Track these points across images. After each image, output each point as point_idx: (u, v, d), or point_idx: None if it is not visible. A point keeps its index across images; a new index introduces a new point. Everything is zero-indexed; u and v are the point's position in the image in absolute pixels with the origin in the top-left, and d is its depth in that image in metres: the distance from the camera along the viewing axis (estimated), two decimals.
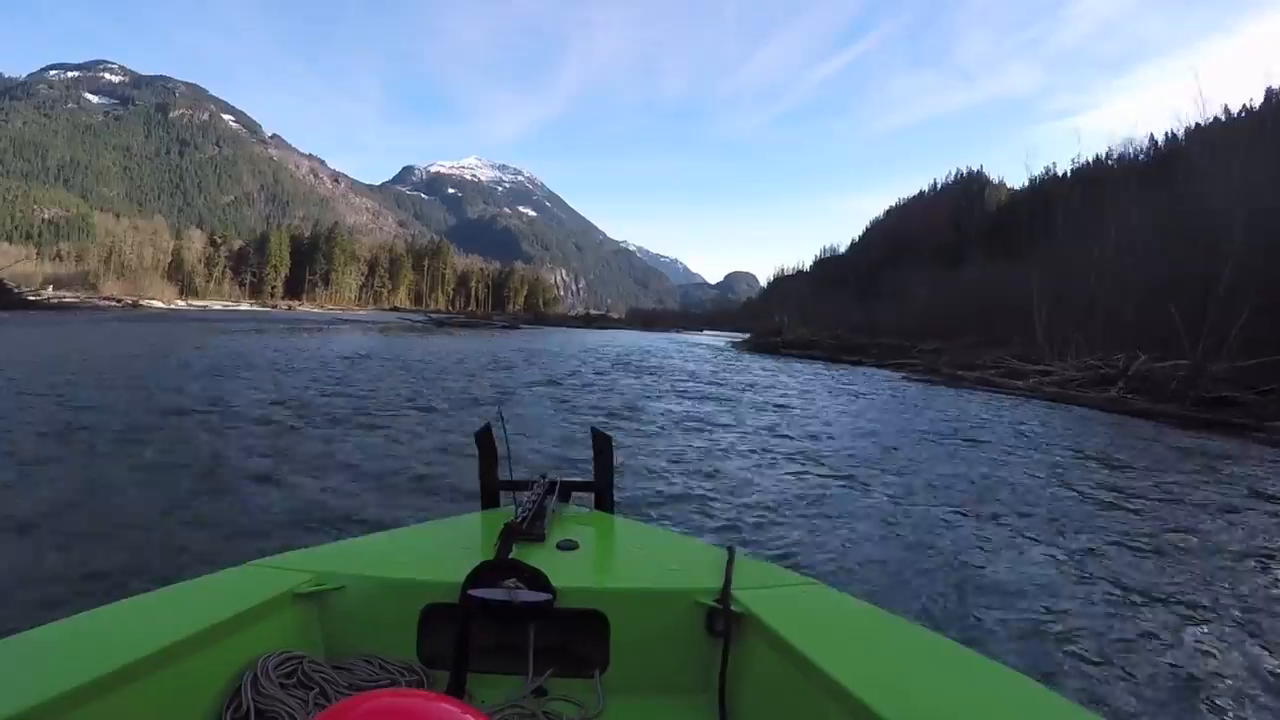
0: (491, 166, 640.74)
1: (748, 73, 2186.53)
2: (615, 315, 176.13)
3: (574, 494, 2.69)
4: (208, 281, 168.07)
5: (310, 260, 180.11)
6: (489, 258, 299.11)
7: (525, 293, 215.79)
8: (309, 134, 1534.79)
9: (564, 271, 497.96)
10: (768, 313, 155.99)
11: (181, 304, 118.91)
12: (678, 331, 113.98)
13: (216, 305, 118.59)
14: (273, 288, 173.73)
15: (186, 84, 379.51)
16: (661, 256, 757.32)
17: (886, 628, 1.59)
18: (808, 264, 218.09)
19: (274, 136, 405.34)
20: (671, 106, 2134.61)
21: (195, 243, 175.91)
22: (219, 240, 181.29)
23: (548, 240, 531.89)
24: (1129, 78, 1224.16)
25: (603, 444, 2.74)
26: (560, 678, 1.63)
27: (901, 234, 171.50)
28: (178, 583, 1.69)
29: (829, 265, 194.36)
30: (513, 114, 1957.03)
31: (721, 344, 62.99)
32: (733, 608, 1.60)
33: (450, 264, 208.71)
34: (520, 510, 2.17)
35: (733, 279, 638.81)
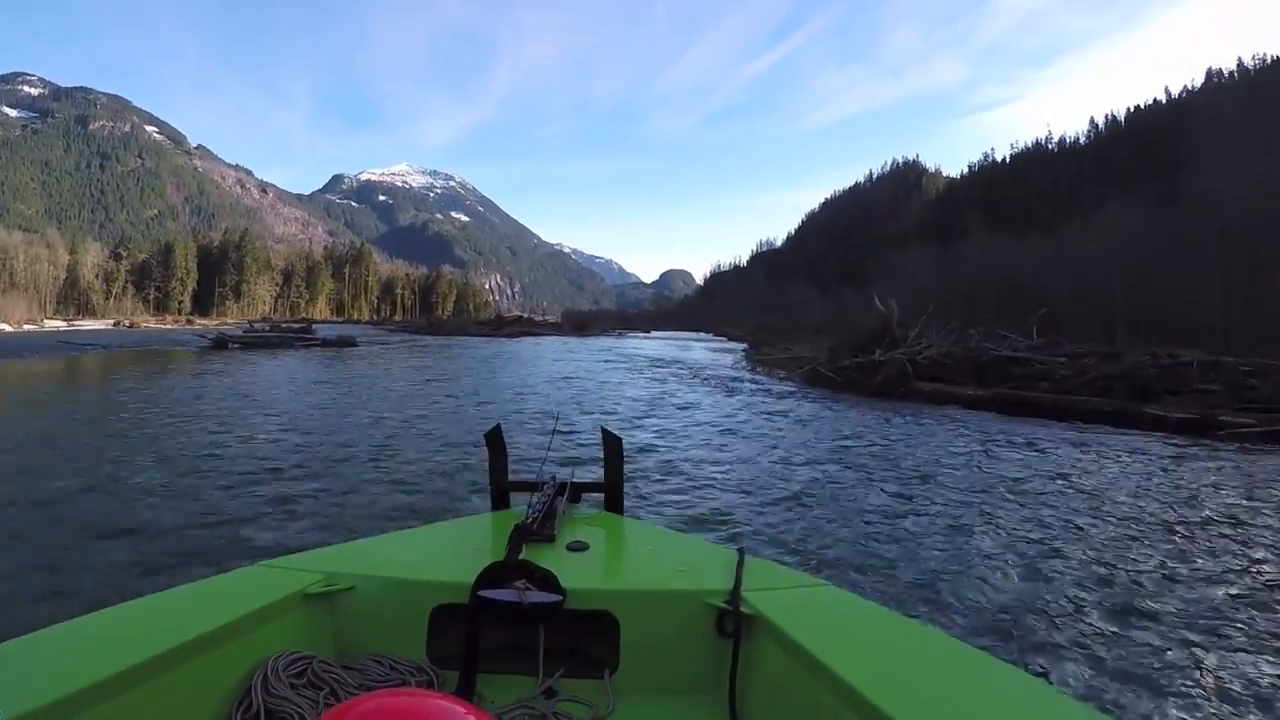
0: (423, 173, 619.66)
1: (679, 72, 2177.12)
2: (551, 319, 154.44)
3: (584, 495, 2.62)
4: (107, 298, 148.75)
5: (220, 271, 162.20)
6: (421, 264, 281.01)
7: (454, 297, 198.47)
8: (237, 145, 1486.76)
9: (498, 276, 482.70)
10: (711, 309, 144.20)
11: (59, 324, 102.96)
12: (619, 334, 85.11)
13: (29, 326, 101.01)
14: (179, 302, 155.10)
15: (108, 95, 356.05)
16: (596, 258, 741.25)
17: (897, 629, 1.57)
18: (745, 259, 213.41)
19: (199, 147, 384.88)
20: (604, 108, 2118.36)
21: (92, 256, 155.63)
22: (122, 253, 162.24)
23: (481, 245, 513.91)
24: (1052, 69, 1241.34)
25: (613, 445, 2.63)
26: (570, 678, 1.60)
27: (839, 224, 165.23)
28: (190, 582, 1.69)
29: (773, 256, 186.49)
30: (444, 119, 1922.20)
31: (725, 362, 32.49)
32: (743, 609, 1.57)
33: (373, 270, 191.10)
34: (530, 511, 2.15)
35: (668, 277, 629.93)
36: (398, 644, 1.63)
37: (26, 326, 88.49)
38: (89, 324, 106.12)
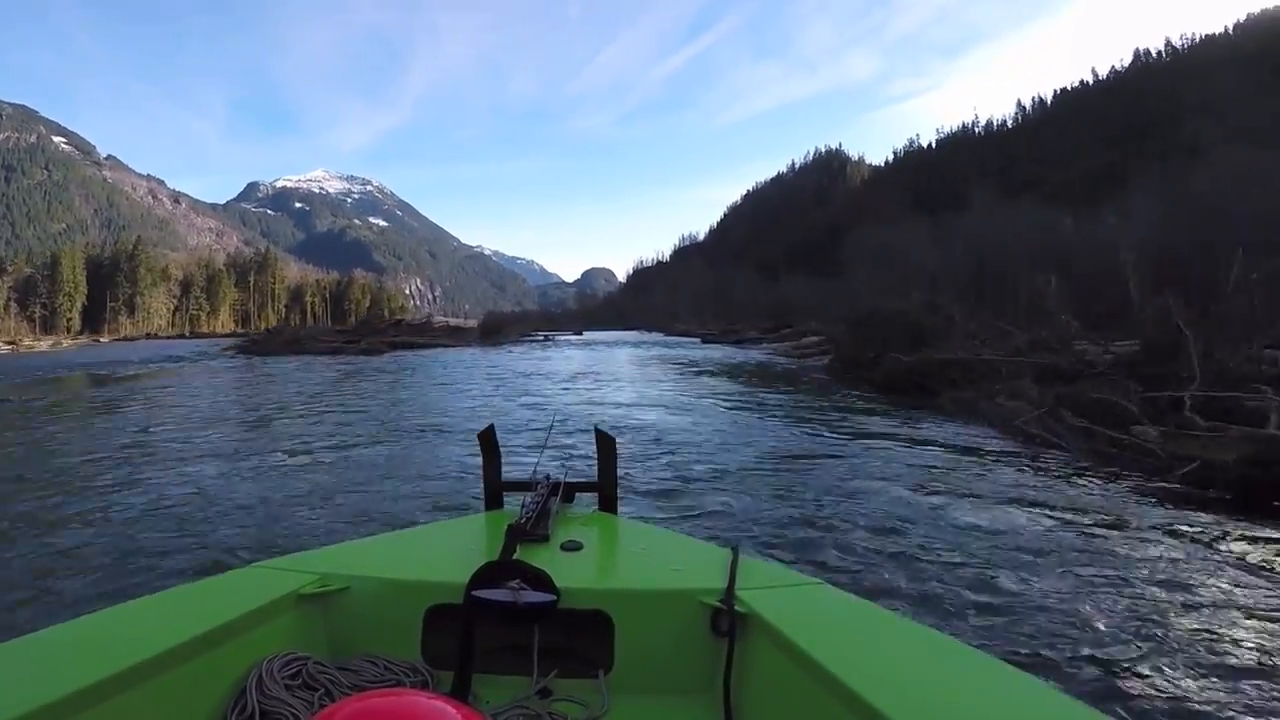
0: (339, 178, 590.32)
1: (594, 72, 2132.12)
2: (474, 322, 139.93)
3: (577, 494, 2.52)
4: None
5: (112, 284, 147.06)
6: (340, 270, 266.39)
7: (368, 303, 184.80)
8: (149, 154, 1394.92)
9: (418, 280, 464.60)
10: (638, 304, 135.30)
11: None
12: (544, 340, 60.07)
13: None
14: (68, 319, 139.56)
15: (14, 106, 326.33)
16: (518, 259, 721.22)
17: (891, 627, 1.53)
18: (667, 254, 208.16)
19: (109, 158, 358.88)
20: (520, 109, 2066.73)
21: None
22: (8, 268, 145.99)
23: (400, 250, 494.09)
24: (966, 59, 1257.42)
25: (606, 444, 2.55)
26: (565, 678, 1.57)
27: (764, 214, 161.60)
28: (184, 584, 1.68)
29: (696, 249, 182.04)
30: (361, 124, 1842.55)
31: None
32: (737, 608, 1.53)
33: (280, 278, 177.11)
34: (524, 511, 2.09)
35: (590, 275, 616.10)
36: (393, 645, 1.60)
37: None
38: None
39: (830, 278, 66.93)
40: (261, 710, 1.27)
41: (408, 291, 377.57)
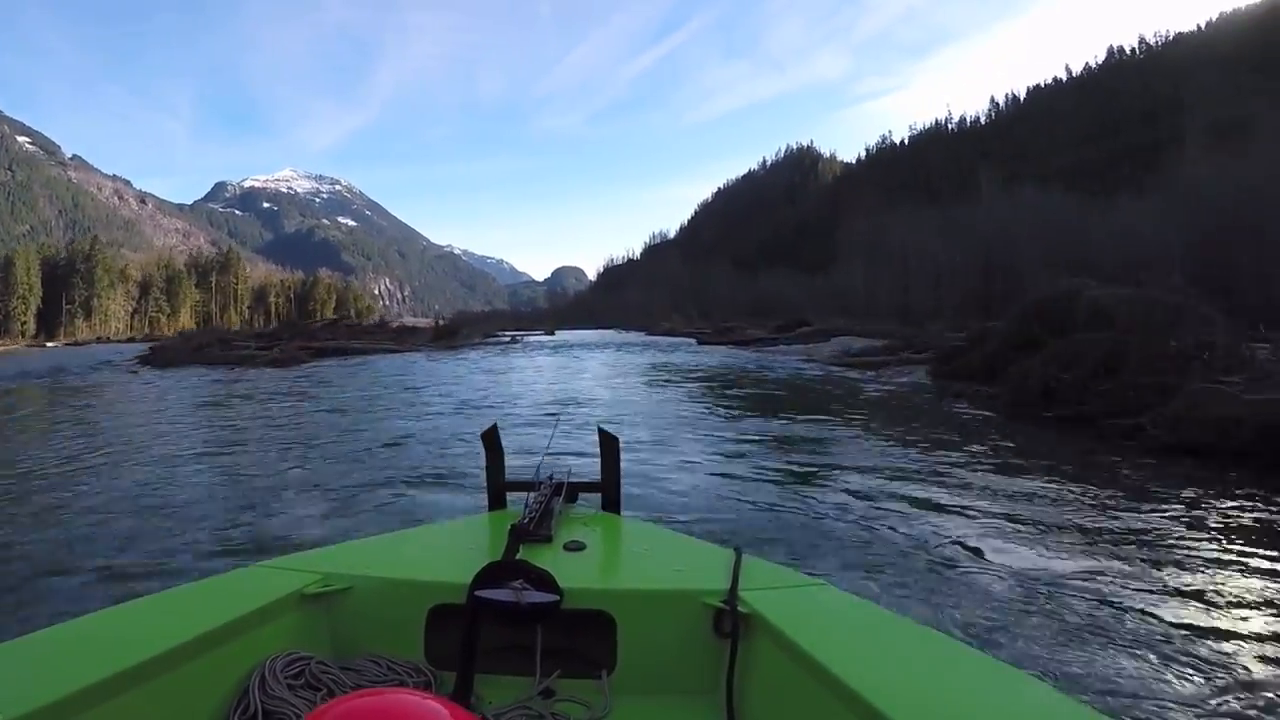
0: (308, 178, 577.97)
1: (564, 71, 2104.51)
2: (427, 323, 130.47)
3: (581, 495, 2.52)
4: None
5: (68, 286, 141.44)
6: (308, 270, 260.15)
7: (333, 303, 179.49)
8: (115, 154, 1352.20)
9: (387, 280, 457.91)
10: (609, 303, 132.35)
11: None
12: (511, 339, 51.56)
13: None
14: (22, 323, 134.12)
15: None
16: (488, 258, 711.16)
17: (895, 629, 1.51)
18: (637, 252, 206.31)
19: (74, 158, 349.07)
20: (490, 108, 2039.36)
21: None
22: None
23: (369, 249, 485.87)
24: (933, 59, 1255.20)
25: (610, 444, 2.52)
26: (567, 679, 1.55)
27: (735, 211, 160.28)
28: (186, 583, 1.67)
29: (667, 248, 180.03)
30: (330, 123, 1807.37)
31: None
32: (740, 609, 1.51)
33: (243, 278, 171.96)
34: (527, 511, 2.08)
35: (560, 274, 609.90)
36: (395, 645, 1.59)
37: None
38: None
39: (812, 272, 64.34)
40: (264, 710, 1.26)
41: (376, 291, 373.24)
